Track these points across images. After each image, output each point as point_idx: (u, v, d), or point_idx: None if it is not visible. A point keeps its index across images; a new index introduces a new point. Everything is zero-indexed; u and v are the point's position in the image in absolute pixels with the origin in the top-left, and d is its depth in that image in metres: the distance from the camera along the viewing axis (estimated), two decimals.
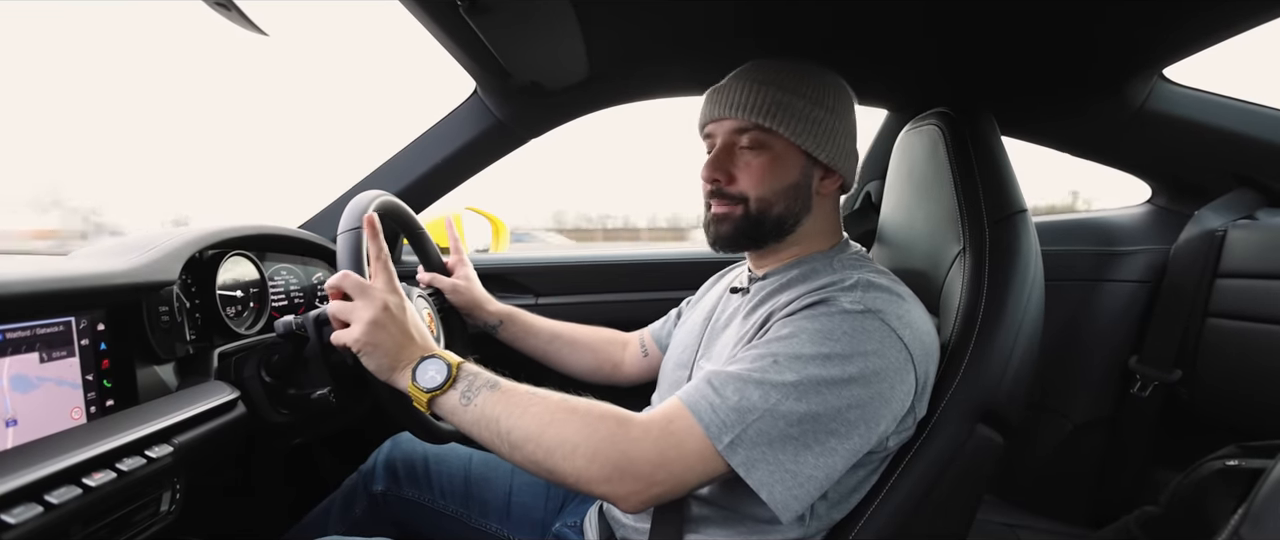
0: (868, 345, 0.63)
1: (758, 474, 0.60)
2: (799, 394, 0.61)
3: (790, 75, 0.75)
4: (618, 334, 1.13)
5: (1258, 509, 0.53)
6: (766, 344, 0.65)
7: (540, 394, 0.66)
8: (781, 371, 0.62)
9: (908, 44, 0.94)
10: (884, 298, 0.67)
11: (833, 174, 0.77)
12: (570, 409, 0.64)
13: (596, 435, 0.62)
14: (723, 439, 0.60)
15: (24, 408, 0.57)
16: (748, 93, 0.74)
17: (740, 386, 0.62)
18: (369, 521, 0.99)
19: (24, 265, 0.60)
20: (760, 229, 0.76)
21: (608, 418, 0.63)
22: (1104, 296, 1.30)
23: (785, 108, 0.73)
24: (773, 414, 0.61)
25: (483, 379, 0.67)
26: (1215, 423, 1.18)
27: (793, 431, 0.61)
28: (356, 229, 0.75)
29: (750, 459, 0.60)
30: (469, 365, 0.69)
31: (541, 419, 0.63)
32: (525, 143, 1.29)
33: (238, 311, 0.89)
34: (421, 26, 0.86)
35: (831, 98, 0.76)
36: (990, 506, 1.35)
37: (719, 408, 0.61)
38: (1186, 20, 0.82)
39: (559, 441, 0.62)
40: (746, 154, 0.75)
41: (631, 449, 0.61)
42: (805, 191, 0.76)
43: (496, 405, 0.65)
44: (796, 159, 0.75)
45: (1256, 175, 1.18)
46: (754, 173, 0.75)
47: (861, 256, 0.80)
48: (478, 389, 0.66)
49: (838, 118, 0.75)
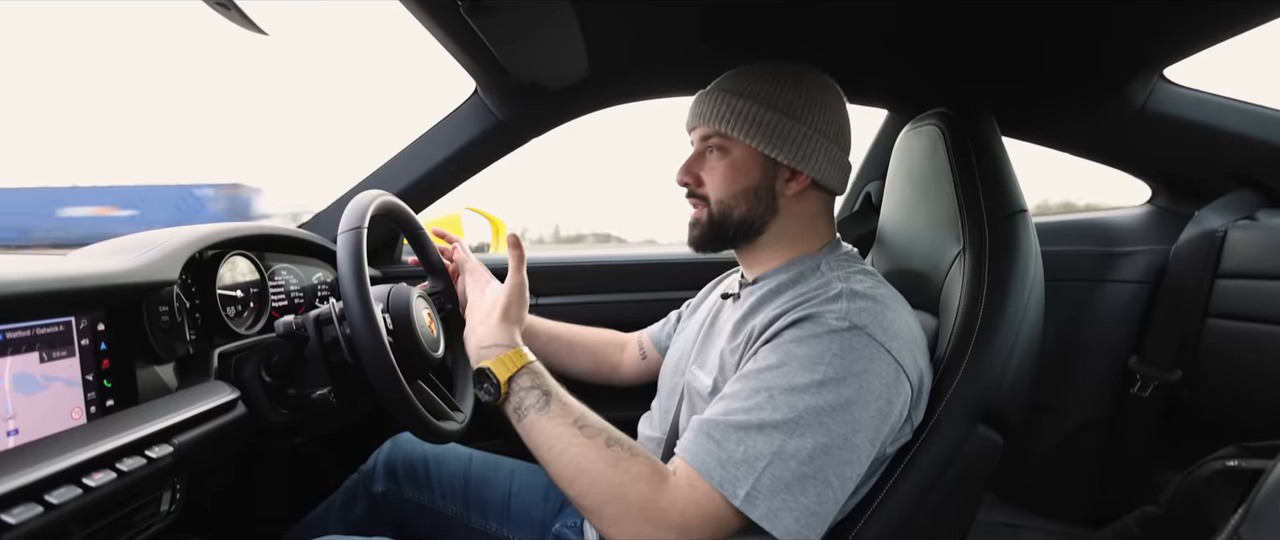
0: (858, 364, 0.63)
1: (783, 523, 0.59)
2: (800, 429, 0.60)
3: (754, 80, 0.76)
4: (616, 335, 1.13)
5: (1258, 509, 0.53)
6: (757, 376, 0.65)
7: (587, 429, 0.66)
8: (778, 408, 0.61)
9: (908, 44, 0.94)
10: (868, 309, 0.66)
11: (799, 175, 0.76)
12: (613, 460, 0.63)
13: (631, 495, 0.61)
14: (738, 493, 0.59)
15: (24, 408, 0.57)
16: (711, 101, 0.77)
17: (742, 436, 0.61)
18: (369, 522, 0.99)
19: (24, 265, 0.60)
20: (724, 231, 0.79)
21: (644, 478, 0.62)
22: (1104, 297, 1.30)
23: (739, 113, 0.75)
24: (781, 456, 0.60)
25: (533, 398, 0.69)
26: (1215, 423, 1.18)
27: (807, 470, 0.60)
28: (357, 228, 0.75)
29: (772, 510, 0.59)
30: (521, 378, 0.71)
31: (580, 464, 0.64)
32: (525, 143, 1.29)
33: (238, 311, 0.90)
34: (421, 26, 0.86)
35: (798, 99, 0.75)
36: (990, 506, 1.35)
37: (726, 462, 0.61)
38: (1186, 20, 0.82)
39: (594, 491, 0.63)
40: (711, 158, 0.78)
41: (661, 516, 0.61)
42: (767, 193, 0.77)
43: (542, 432, 0.67)
44: (755, 162, 0.76)
45: (1256, 175, 1.18)
46: (716, 176, 0.78)
47: (850, 257, 0.79)
48: (526, 410, 0.69)
49: (799, 120, 0.75)
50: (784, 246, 0.79)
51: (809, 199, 0.78)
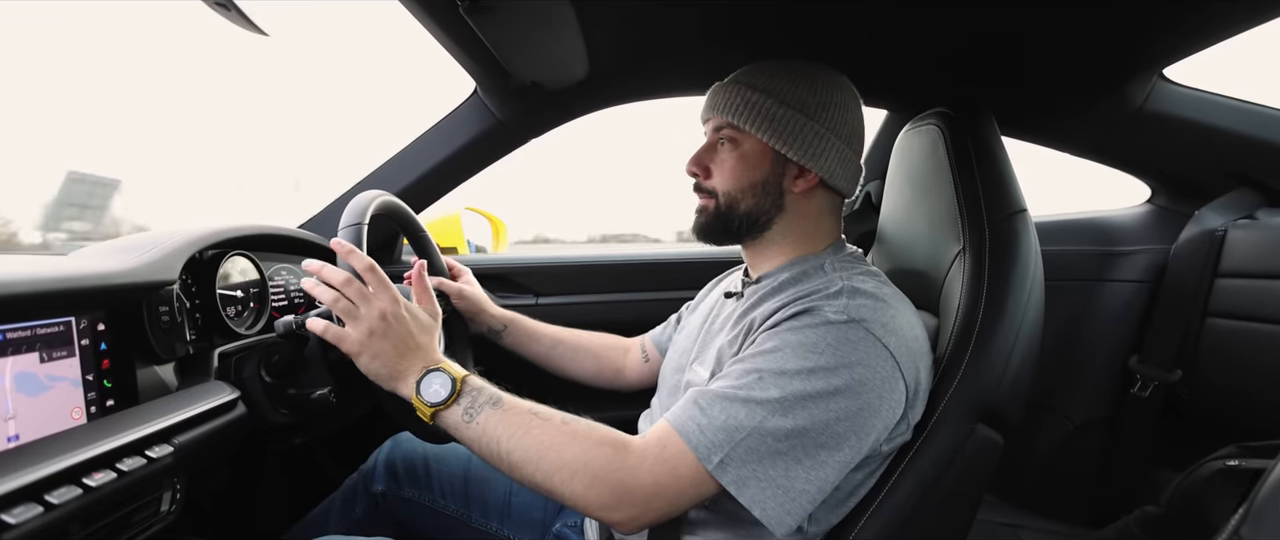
0: (853, 356, 0.63)
1: (749, 492, 0.61)
2: (785, 410, 0.61)
3: (771, 76, 0.77)
4: (619, 340, 1.13)
5: (1258, 509, 0.53)
6: (752, 359, 0.66)
7: (542, 415, 0.66)
8: (766, 388, 0.63)
9: (907, 44, 0.94)
10: (869, 305, 0.66)
11: (808, 173, 0.77)
12: (570, 434, 0.64)
13: (594, 462, 0.62)
14: (712, 459, 0.61)
15: (24, 407, 0.57)
16: (727, 92, 0.78)
17: (726, 406, 0.63)
18: (369, 521, 0.99)
19: (24, 265, 0.60)
20: (729, 223, 0.79)
21: (605, 444, 0.64)
22: (1104, 296, 1.30)
23: (754, 106, 0.75)
24: (760, 431, 0.61)
25: (486, 395, 0.68)
26: (1215, 423, 1.18)
27: (781, 447, 0.61)
28: (357, 226, 0.75)
29: (741, 477, 0.61)
30: (473, 379, 0.69)
31: (542, 442, 0.64)
32: (525, 143, 1.29)
33: (238, 311, 0.90)
34: (421, 27, 0.86)
35: (813, 98, 0.75)
36: (990, 506, 1.35)
37: (707, 428, 0.62)
38: (1186, 20, 0.82)
39: (558, 466, 0.63)
40: (722, 150, 0.79)
41: (628, 477, 0.62)
42: (774, 189, 0.77)
43: (498, 425, 0.65)
44: (765, 156, 0.77)
45: (1256, 175, 1.18)
46: (725, 168, 0.78)
47: (854, 258, 0.79)
48: (480, 406, 0.67)
49: (812, 118, 0.75)
50: (788, 244, 0.79)
51: (816, 198, 0.79)
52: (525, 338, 1.08)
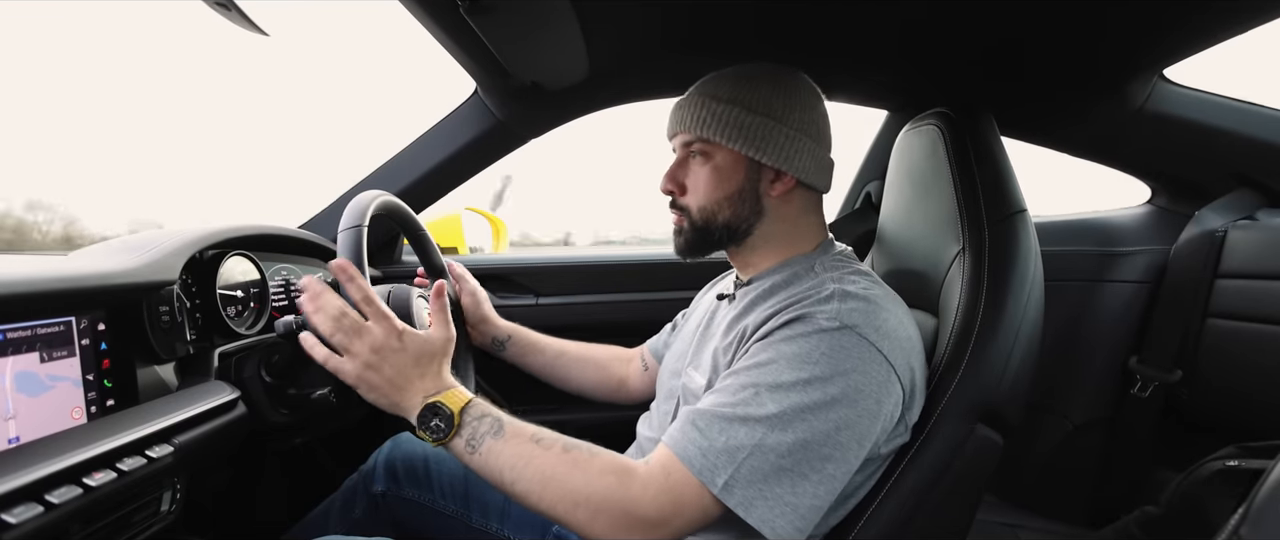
0: (847, 363, 0.63)
1: (758, 512, 0.60)
2: (784, 424, 0.61)
3: (734, 84, 0.76)
4: (622, 351, 1.13)
5: (1257, 509, 0.53)
6: (747, 373, 0.65)
7: (544, 442, 0.66)
8: (763, 403, 0.62)
9: (907, 44, 0.94)
10: (860, 309, 0.66)
11: (784, 176, 0.76)
12: (572, 462, 0.64)
13: (598, 492, 0.62)
14: (717, 482, 0.61)
15: (24, 407, 0.57)
16: (691, 107, 0.77)
17: (725, 426, 0.62)
18: (369, 522, 0.99)
19: (24, 265, 0.60)
20: (709, 236, 0.78)
21: (608, 472, 0.63)
22: (1104, 297, 1.30)
23: (721, 118, 0.74)
24: (761, 449, 0.61)
25: (486, 425, 0.67)
26: (1215, 423, 1.18)
27: (785, 463, 0.61)
28: (357, 227, 0.75)
29: (747, 498, 0.60)
30: (473, 409, 0.68)
31: (544, 473, 0.64)
32: (525, 143, 1.29)
33: (238, 311, 0.90)
34: (421, 27, 0.86)
35: (779, 100, 0.75)
36: (990, 506, 1.35)
37: (708, 451, 0.62)
38: (1186, 20, 0.82)
39: (561, 497, 0.63)
40: (694, 165, 0.78)
41: (632, 506, 0.62)
42: (752, 196, 0.77)
43: (500, 457, 0.65)
44: (739, 166, 0.76)
45: (1256, 175, 1.18)
46: (699, 183, 0.78)
47: (844, 257, 0.79)
48: (482, 437, 0.66)
49: (780, 121, 0.74)
50: (774, 247, 0.79)
51: (794, 199, 0.78)
52: (528, 349, 1.08)
